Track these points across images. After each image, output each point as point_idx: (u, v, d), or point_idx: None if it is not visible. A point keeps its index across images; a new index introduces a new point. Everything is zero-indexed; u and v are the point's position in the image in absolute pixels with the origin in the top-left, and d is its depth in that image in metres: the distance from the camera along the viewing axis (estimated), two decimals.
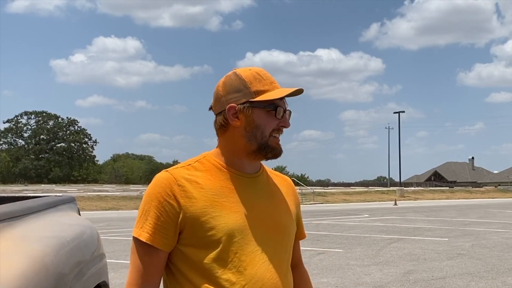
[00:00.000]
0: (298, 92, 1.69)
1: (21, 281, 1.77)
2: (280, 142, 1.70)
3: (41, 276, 1.93)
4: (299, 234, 1.87)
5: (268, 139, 1.66)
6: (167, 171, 1.67)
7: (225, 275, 1.59)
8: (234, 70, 1.72)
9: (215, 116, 1.72)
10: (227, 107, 1.67)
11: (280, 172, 1.93)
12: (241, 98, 1.66)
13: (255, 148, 1.67)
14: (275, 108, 1.66)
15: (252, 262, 1.61)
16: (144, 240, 1.59)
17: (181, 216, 1.60)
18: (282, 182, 1.83)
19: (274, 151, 1.68)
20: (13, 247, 1.96)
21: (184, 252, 1.62)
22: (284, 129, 1.70)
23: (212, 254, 1.59)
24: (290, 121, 1.72)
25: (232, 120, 1.67)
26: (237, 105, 1.66)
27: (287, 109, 1.70)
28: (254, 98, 1.66)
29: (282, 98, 1.68)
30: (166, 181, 1.63)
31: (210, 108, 1.75)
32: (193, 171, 1.67)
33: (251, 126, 1.66)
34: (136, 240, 1.62)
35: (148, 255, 1.61)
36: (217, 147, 1.73)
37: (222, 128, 1.69)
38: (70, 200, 3.19)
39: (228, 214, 1.62)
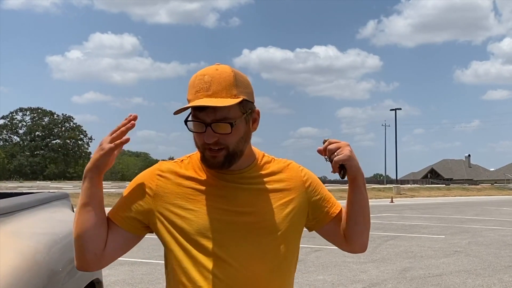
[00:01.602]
0: (221, 104, 1.52)
1: (12, 278, 1.74)
2: (217, 155, 1.57)
3: (32, 273, 1.90)
4: (326, 216, 1.75)
5: (203, 151, 1.59)
6: (159, 162, 1.71)
7: (194, 271, 1.57)
8: None
9: None
10: None
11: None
12: None
13: (201, 156, 1.63)
14: (185, 122, 1.57)
15: (226, 260, 1.58)
16: (109, 216, 1.63)
17: (151, 204, 1.62)
18: (283, 171, 1.72)
19: (207, 163, 1.61)
20: (4, 243, 1.92)
21: (163, 243, 1.64)
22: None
23: (183, 249, 1.59)
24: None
25: None
26: None
27: (220, 121, 1.53)
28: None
29: (202, 110, 1.53)
30: (151, 171, 1.67)
31: None
32: (181, 166, 1.68)
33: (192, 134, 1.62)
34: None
35: (111, 229, 1.63)
36: None
37: None
38: (64, 197, 3.14)
39: (202, 210, 1.60)
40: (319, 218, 1.75)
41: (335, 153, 1.62)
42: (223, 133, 1.55)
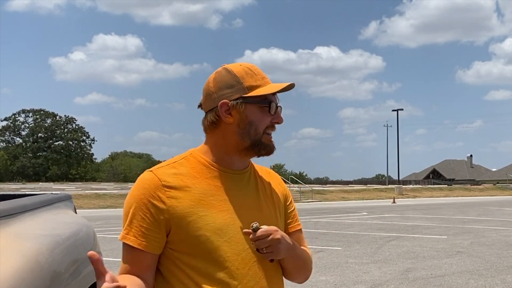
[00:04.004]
0: (290, 87, 1.66)
1: (15, 279, 1.74)
2: (272, 139, 1.67)
3: (35, 275, 1.90)
4: (289, 227, 1.78)
5: (262, 136, 1.63)
6: (151, 171, 1.63)
7: (217, 275, 1.55)
8: (224, 66, 1.68)
9: (205, 113, 1.68)
10: (219, 103, 1.63)
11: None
12: (234, 94, 1.63)
13: (248, 145, 1.63)
14: (269, 103, 1.63)
15: (244, 262, 1.58)
16: (131, 244, 1.55)
17: (167, 217, 1.56)
18: (267, 176, 1.78)
19: (267, 148, 1.65)
20: (7, 245, 1.93)
21: (173, 253, 1.58)
22: (280, 126, 1.69)
23: (202, 255, 1.55)
24: (284, 118, 1.69)
25: (225, 117, 1.63)
26: (230, 101, 1.62)
27: (278, 105, 1.68)
28: (247, 93, 1.62)
29: (274, 94, 1.65)
30: (150, 182, 1.58)
31: (199, 106, 1.71)
32: (178, 169, 1.62)
33: (244, 123, 1.62)
34: (124, 243, 1.58)
35: (137, 257, 1.56)
36: (204, 144, 1.69)
37: (212, 125, 1.65)
38: (66, 198, 3.15)
39: (215, 213, 1.58)
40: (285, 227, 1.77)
41: (264, 249, 1.57)
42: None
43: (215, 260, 1.55)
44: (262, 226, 1.56)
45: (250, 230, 1.54)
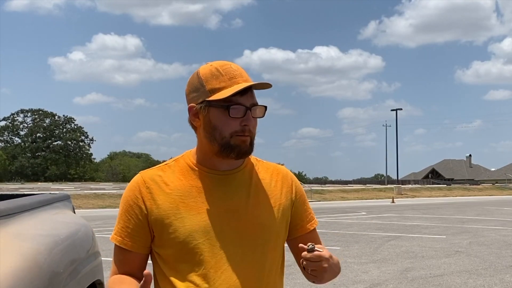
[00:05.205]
0: (263, 86, 1.59)
1: (13, 279, 1.74)
2: (247, 140, 1.58)
3: (34, 275, 1.90)
4: (301, 228, 1.75)
5: (229, 139, 1.57)
6: (140, 173, 1.68)
7: (191, 277, 1.57)
8: (202, 66, 1.64)
9: None
10: (188, 106, 1.63)
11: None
12: (199, 97, 1.60)
13: (217, 149, 1.59)
14: (228, 107, 1.55)
15: (218, 265, 1.57)
16: (117, 244, 1.64)
17: (148, 218, 1.61)
18: (272, 174, 1.72)
19: (236, 150, 1.58)
20: (6, 245, 1.93)
21: (156, 254, 1.64)
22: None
23: (178, 257, 1.59)
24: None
25: (194, 120, 1.62)
26: (196, 104, 1.60)
27: (257, 104, 1.59)
28: (209, 97, 1.57)
29: (242, 94, 1.56)
30: (136, 184, 1.64)
31: None
32: (166, 172, 1.66)
33: (208, 127, 1.59)
34: (114, 244, 1.67)
35: (126, 257, 1.65)
36: (196, 145, 1.69)
37: (192, 126, 1.65)
38: (65, 198, 3.15)
39: (193, 216, 1.58)
40: (294, 228, 1.74)
41: (309, 270, 1.53)
42: (257, 117, 1.60)
43: (189, 262, 1.57)
44: (318, 249, 1.51)
45: (305, 246, 1.52)
